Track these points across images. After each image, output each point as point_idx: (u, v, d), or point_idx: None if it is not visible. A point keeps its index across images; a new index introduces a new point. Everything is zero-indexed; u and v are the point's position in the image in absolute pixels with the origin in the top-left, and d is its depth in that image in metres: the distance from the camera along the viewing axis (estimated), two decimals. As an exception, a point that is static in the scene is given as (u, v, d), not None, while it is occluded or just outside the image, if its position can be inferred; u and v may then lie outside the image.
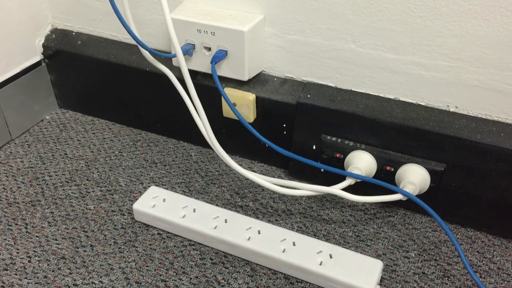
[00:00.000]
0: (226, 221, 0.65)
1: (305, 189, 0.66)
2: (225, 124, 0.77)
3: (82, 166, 0.78)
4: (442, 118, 0.64)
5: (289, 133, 0.73)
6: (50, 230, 0.68)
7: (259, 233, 0.64)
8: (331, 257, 0.60)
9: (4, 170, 0.78)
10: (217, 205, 0.71)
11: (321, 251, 0.61)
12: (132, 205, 0.69)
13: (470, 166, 0.63)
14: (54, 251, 0.65)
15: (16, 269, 0.62)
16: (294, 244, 0.62)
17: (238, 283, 0.61)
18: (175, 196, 0.69)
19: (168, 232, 0.67)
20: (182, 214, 0.66)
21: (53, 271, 0.62)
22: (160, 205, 0.67)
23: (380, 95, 0.68)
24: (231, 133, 0.78)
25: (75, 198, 0.73)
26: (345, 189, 0.65)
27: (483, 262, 0.63)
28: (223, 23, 0.66)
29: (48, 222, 0.69)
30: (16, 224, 0.68)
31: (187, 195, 0.72)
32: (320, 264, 0.59)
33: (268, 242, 0.62)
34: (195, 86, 0.63)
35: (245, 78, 0.70)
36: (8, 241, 0.66)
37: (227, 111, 0.74)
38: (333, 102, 0.68)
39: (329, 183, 0.66)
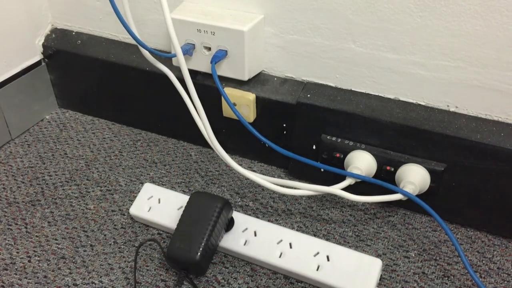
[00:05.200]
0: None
1: (305, 189, 0.66)
2: (225, 124, 0.77)
3: (82, 166, 0.78)
4: (442, 118, 0.64)
5: (289, 133, 0.73)
6: (50, 230, 0.68)
7: (255, 235, 0.63)
8: (328, 259, 0.60)
9: (4, 169, 0.78)
10: (217, 205, 0.71)
11: (318, 253, 0.60)
12: (132, 205, 0.69)
13: (470, 166, 0.63)
14: (54, 251, 0.65)
15: (16, 269, 0.62)
16: (290, 246, 0.61)
17: (238, 283, 0.61)
18: (170, 195, 0.68)
19: (168, 232, 0.67)
20: (177, 215, 0.65)
21: (53, 271, 0.62)
22: (155, 207, 0.67)
23: (380, 95, 0.68)
24: (231, 133, 0.78)
25: (75, 198, 0.73)
26: (345, 189, 0.65)
27: (483, 262, 0.63)
28: (223, 23, 0.66)
29: (48, 222, 0.69)
30: (16, 224, 0.68)
31: (187, 195, 0.72)
32: (317, 269, 0.59)
33: (264, 245, 0.62)
34: (195, 86, 0.63)
35: (245, 78, 0.70)
36: (8, 241, 0.66)
37: (227, 111, 0.74)
38: (333, 102, 0.68)
39: (329, 183, 0.66)
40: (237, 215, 0.65)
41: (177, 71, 0.67)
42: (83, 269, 0.62)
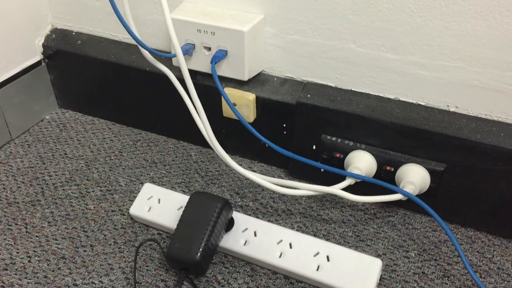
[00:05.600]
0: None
1: (305, 189, 0.66)
2: (225, 124, 0.77)
3: (82, 166, 0.78)
4: (442, 118, 0.64)
5: (289, 133, 0.73)
6: (50, 230, 0.68)
7: (255, 235, 0.63)
8: (328, 259, 0.60)
9: (4, 170, 0.78)
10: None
11: (318, 253, 0.60)
12: (132, 205, 0.69)
13: (470, 166, 0.63)
14: (54, 251, 0.65)
15: (16, 269, 0.62)
16: (290, 246, 0.61)
17: (238, 283, 0.61)
18: (170, 195, 0.68)
19: (168, 232, 0.67)
20: (177, 215, 0.65)
21: (53, 271, 0.62)
22: (155, 207, 0.67)
23: (380, 95, 0.68)
24: (231, 133, 0.78)
25: (75, 198, 0.73)
26: (345, 189, 0.65)
27: (483, 262, 0.63)
28: (223, 23, 0.66)
29: (48, 222, 0.69)
30: (16, 224, 0.69)
31: (187, 195, 0.72)
32: (317, 269, 0.59)
33: (264, 245, 0.62)
34: (195, 86, 0.63)
35: (245, 78, 0.70)
36: (8, 241, 0.66)
37: (227, 111, 0.74)
38: (333, 102, 0.68)
39: (329, 183, 0.66)
40: (237, 215, 0.65)
41: (177, 71, 0.67)
42: (83, 269, 0.62)
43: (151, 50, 0.66)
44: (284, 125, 0.73)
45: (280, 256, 0.61)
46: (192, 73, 0.69)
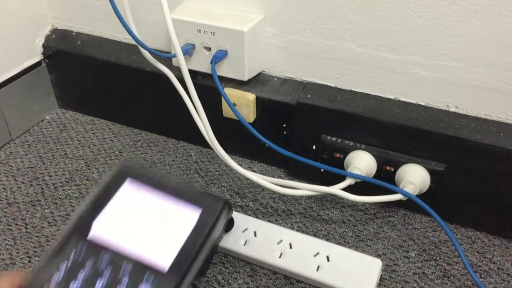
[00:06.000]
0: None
1: (305, 189, 0.66)
2: (225, 124, 0.77)
3: (82, 166, 0.78)
4: (442, 118, 0.64)
5: (289, 133, 0.73)
6: (50, 230, 0.68)
7: (255, 235, 0.63)
8: (328, 259, 0.60)
9: (4, 170, 0.78)
10: (217, 205, 0.71)
11: (318, 253, 0.60)
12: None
13: (470, 166, 0.63)
14: (54, 251, 0.65)
15: (16, 269, 0.62)
16: (290, 247, 0.61)
17: (238, 283, 0.61)
18: None
19: (168, 232, 0.67)
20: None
21: (53, 271, 0.62)
22: None
23: (380, 95, 0.68)
24: (231, 133, 0.78)
25: (75, 198, 0.73)
26: (345, 189, 0.65)
27: (483, 262, 0.63)
28: (223, 23, 0.66)
29: (48, 222, 0.69)
30: (16, 224, 0.69)
31: (187, 195, 0.72)
32: (317, 269, 0.59)
33: (264, 246, 0.62)
34: (195, 86, 0.63)
35: (245, 78, 0.70)
36: (8, 241, 0.66)
37: (227, 111, 0.74)
38: (333, 102, 0.68)
39: (329, 183, 0.66)
40: (237, 215, 0.65)
41: (177, 71, 0.67)
42: (83, 269, 0.62)
43: (151, 50, 0.66)
44: (284, 125, 0.73)
45: (280, 256, 0.61)
46: (192, 73, 0.69)
